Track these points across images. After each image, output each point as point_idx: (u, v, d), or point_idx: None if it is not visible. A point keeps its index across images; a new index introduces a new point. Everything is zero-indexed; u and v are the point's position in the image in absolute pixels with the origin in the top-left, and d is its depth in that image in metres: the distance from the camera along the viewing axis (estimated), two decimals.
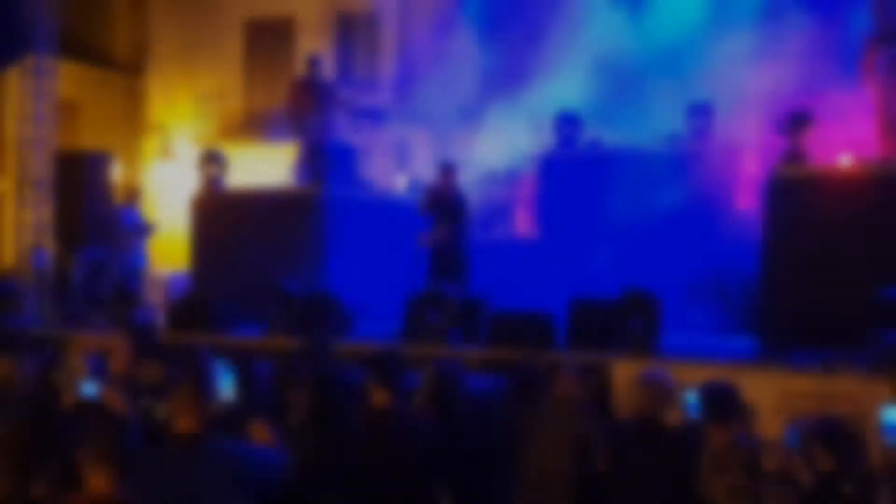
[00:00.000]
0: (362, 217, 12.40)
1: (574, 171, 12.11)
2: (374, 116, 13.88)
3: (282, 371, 6.35)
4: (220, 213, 12.53)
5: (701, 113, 11.57)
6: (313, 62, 14.04)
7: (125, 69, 22.30)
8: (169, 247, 17.69)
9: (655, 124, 12.16)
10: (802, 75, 11.21)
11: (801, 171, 8.80)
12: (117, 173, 15.42)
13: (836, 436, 5.47)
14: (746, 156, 11.58)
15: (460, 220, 10.55)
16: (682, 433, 6.01)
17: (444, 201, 10.54)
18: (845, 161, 8.82)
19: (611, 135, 12.65)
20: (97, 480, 3.57)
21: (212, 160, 13.10)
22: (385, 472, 5.33)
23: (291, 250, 11.87)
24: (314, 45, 19.36)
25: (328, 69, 17.67)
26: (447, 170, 10.74)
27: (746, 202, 11.42)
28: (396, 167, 16.34)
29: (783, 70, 11.25)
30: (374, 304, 11.49)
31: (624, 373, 7.45)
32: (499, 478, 6.41)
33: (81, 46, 20.26)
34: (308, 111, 13.11)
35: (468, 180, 14.28)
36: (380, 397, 5.58)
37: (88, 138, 19.89)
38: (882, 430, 5.31)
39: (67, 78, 17.24)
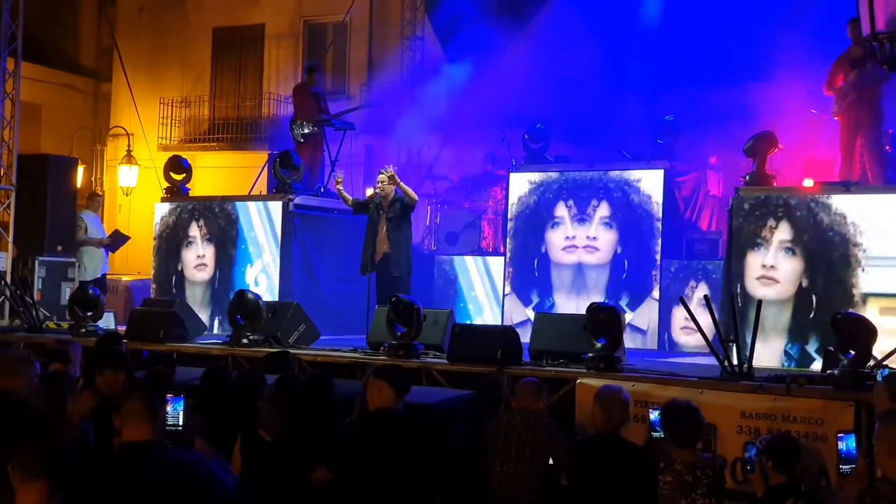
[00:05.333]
0: (328, 227, 12.37)
1: None
2: (341, 126, 13.81)
3: (249, 380, 6.30)
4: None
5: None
6: (316, 69, 13.98)
7: (90, 74, 22.11)
8: (131, 253, 17.56)
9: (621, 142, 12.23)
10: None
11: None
12: (80, 178, 15.27)
13: (786, 453, 5.59)
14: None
15: (402, 225, 10.47)
16: (643, 449, 6.06)
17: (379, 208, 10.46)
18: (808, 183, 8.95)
19: (577, 151, 12.73)
20: (28, 495, 3.42)
21: (176, 167, 13.01)
22: (383, 471, 5.36)
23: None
24: (282, 54, 19.35)
25: (297, 78, 17.65)
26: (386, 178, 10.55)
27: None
28: (363, 177, 16.33)
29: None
30: (340, 315, 11.45)
31: (588, 389, 7.47)
32: (462, 489, 6.44)
33: (46, 50, 20.08)
34: (313, 120, 13.10)
35: (435, 192, 14.34)
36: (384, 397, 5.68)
37: (50, 142, 19.69)
38: (838, 457, 5.39)
39: (30, 81, 17.07)
